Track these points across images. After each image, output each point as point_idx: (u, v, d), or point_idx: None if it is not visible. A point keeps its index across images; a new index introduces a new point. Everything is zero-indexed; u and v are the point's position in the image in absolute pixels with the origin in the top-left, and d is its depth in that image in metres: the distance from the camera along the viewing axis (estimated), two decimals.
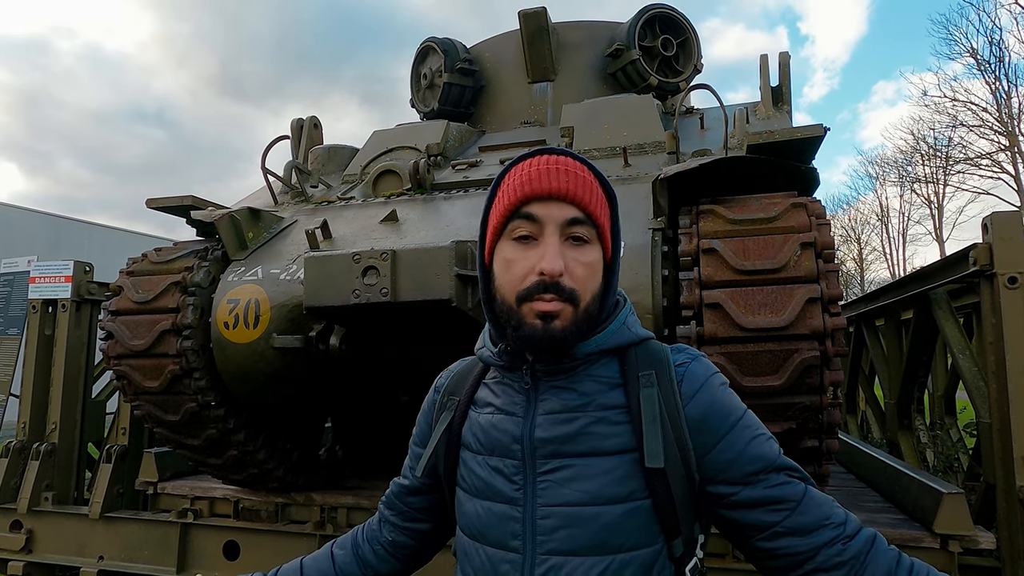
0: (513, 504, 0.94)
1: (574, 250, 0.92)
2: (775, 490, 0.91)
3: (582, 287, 0.92)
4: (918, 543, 2.65)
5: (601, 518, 0.89)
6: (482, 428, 1.00)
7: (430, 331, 2.66)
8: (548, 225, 0.92)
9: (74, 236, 16.09)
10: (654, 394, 0.93)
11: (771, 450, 0.94)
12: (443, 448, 1.05)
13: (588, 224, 0.93)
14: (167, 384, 2.81)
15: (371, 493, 3.36)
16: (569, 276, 0.91)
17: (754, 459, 0.92)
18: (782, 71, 3.63)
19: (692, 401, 0.94)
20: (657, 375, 0.95)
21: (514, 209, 0.93)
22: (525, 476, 0.94)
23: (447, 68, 4.39)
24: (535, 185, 0.92)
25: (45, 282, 4.27)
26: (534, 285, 0.91)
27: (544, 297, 0.90)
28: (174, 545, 3.45)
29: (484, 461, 0.98)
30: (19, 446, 4.05)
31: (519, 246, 0.93)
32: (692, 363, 0.97)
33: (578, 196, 0.92)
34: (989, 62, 23.16)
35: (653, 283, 2.37)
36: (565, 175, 0.93)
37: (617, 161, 3.16)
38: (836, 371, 2.18)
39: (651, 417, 0.91)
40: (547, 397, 0.96)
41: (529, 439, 0.94)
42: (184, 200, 3.13)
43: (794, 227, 2.28)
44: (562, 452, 0.92)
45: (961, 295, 4.17)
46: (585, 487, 0.90)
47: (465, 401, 1.05)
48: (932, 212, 29.82)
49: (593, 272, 0.94)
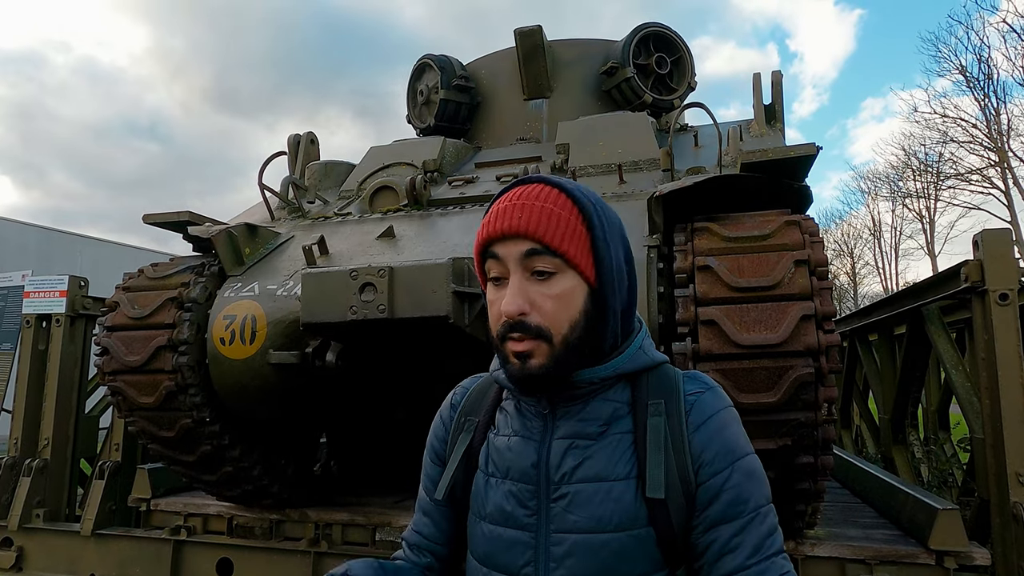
0: (526, 530, 0.93)
1: (540, 284, 0.91)
2: (745, 537, 0.89)
3: (552, 321, 0.91)
4: (913, 559, 2.65)
5: (610, 545, 0.89)
6: (498, 451, 1.00)
7: (427, 347, 2.67)
8: (510, 263, 0.92)
9: (67, 249, 16.06)
10: (660, 423, 0.92)
11: (762, 497, 0.92)
12: (462, 472, 1.04)
13: (547, 255, 0.91)
14: (162, 400, 2.80)
15: (366, 509, 3.34)
16: (537, 312, 0.90)
17: (737, 501, 0.90)
18: (775, 89, 3.67)
19: (697, 432, 0.93)
20: (666, 404, 0.94)
21: (483, 251, 0.95)
22: (539, 502, 0.93)
23: (443, 85, 4.43)
24: (491, 227, 0.93)
25: (40, 297, 4.25)
26: (503, 327, 0.92)
27: (513, 336, 0.91)
28: (167, 562, 3.41)
29: (498, 485, 0.98)
30: (10, 462, 4.01)
31: (494, 288, 0.95)
32: (705, 393, 0.96)
33: (530, 230, 0.90)
34: (978, 79, 23.49)
35: (648, 300, 2.39)
36: (520, 210, 0.92)
37: (612, 178, 3.19)
38: (831, 387, 2.19)
39: (655, 446, 0.91)
40: (562, 422, 0.96)
41: (545, 464, 0.94)
42: (181, 216, 3.14)
43: (788, 244, 2.30)
44: (574, 478, 0.92)
45: (953, 311, 4.20)
46: (594, 513, 0.90)
47: (484, 423, 1.05)
48: (924, 227, 30.06)
49: (565, 303, 0.92)
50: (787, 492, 2.33)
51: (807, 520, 2.62)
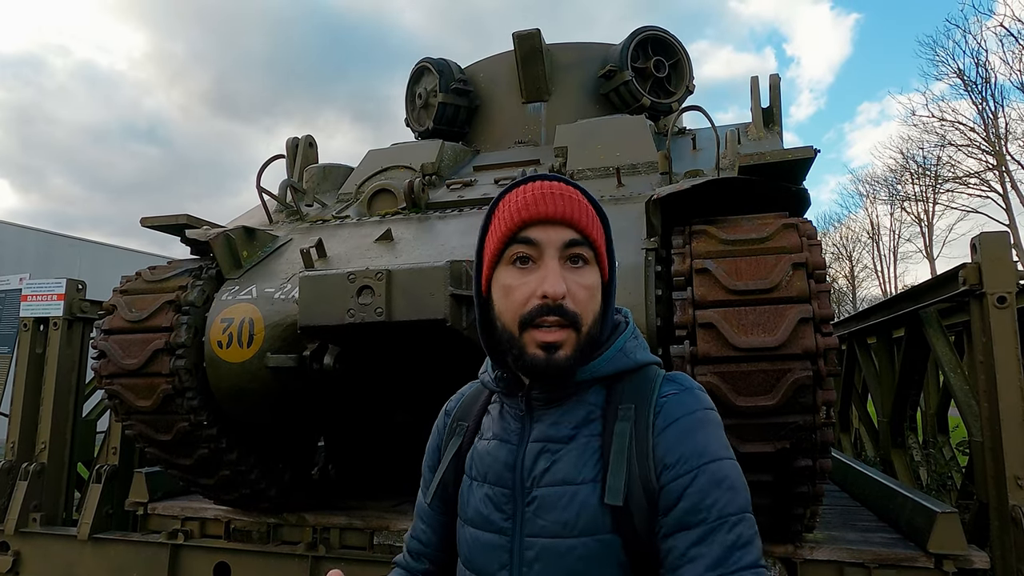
0: (502, 534, 0.93)
1: (574, 273, 0.91)
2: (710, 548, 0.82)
3: (584, 310, 0.91)
4: (912, 563, 2.65)
5: (576, 550, 0.87)
6: (480, 455, 0.99)
7: (425, 350, 2.66)
8: (548, 248, 0.91)
9: (65, 253, 16.03)
10: (627, 428, 0.90)
11: (732, 505, 0.85)
12: (451, 475, 1.04)
13: (586, 246, 0.93)
14: (159, 403, 2.79)
15: (364, 513, 3.34)
16: (571, 299, 0.90)
17: (699, 508, 0.84)
18: (772, 93, 3.68)
19: (663, 434, 0.89)
20: (636, 408, 0.91)
21: (512, 234, 0.93)
22: (515, 505, 0.93)
23: (442, 88, 4.44)
24: (532, 210, 0.92)
25: (37, 300, 4.25)
26: (536, 308, 0.89)
27: (547, 321, 0.89)
28: (164, 567, 3.40)
29: (479, 488, 0.97)
30: (7, 466, 4.01)
31: (518, 271, 0.92)
32: (677, 395, 0.92)
33: (575, 218, 0.92)
34: (976, 83, 23.54)
35: (647, 303, 2.39)
36: (561, 199, 0.93)
37: (611, 181, 3.19)
38: (829, 390, 2.19)
39: (618, 452, 0.88)
40: (538, 425, 0.95)
41: (520, 468, 0.93)
42: (179, 219, 3.14)
43: (786, 247, 2.30)
44: (543, 481, 0.91)
45: (952, 314, 4.20)
46: (561, 517, 0.88)
47: (473, 427, 1.05)
48: (922, 230, 30.10)
49: (593, 294, 0.93)
50: (786, 495, 2.33)
51: (806, 523, 2.62)
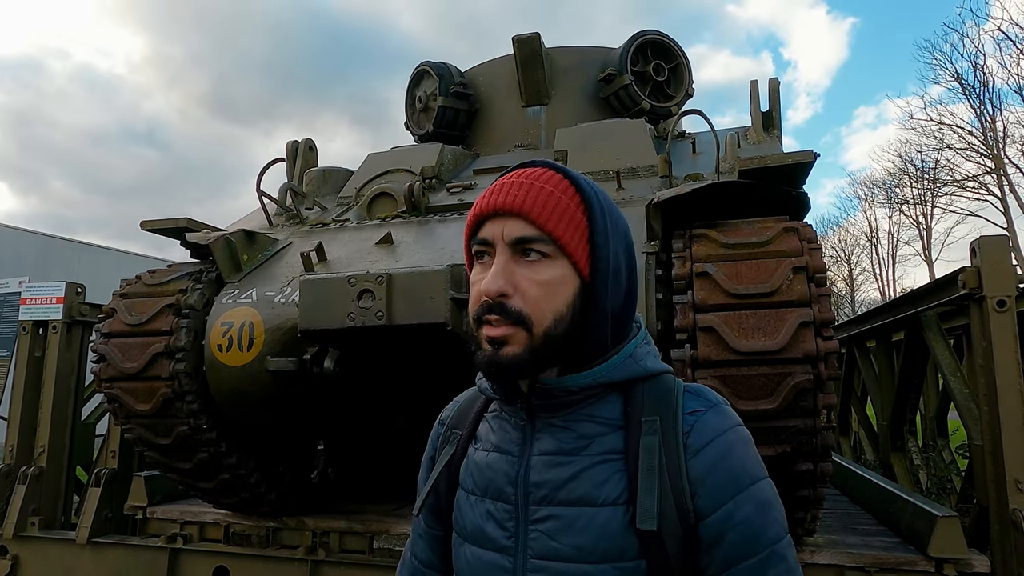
0: (504, 553, 0.86)
1: (527, 267, 0.84)
2: None
3: (535, 308, 0.83)
4: (913, 567, 2.64)
5: None
6: (477, 467, 0.92)
7: (425, 354, 2.66)
8: (498, 244, 0.85)
9: (64, 256, 16.00)
10: (655, 444, 0.82)
11: (780, 528, 0.82)
12: (444, 486, 0.97)
13: (542, 240, 0.84)
14: (159, 407, 2.79)
15: (364, 517, 3.33)
16: (520, 296, 0.83)
17: (749, 539, 0.80)
18: (772, 97, 3.68)
19: (697, 457, 0.82)
20: (662, 421, 0.84)
21: (473, 230, 0.89)
22: (518, 523, 0.86)
23: (442, 92, 4.44)
24: (484, 203, 0.87)
25: (36, 303, 4.24)
26: (481, 307, 0.84)
27: (490, 319, 0.83)
28: (163, 571, 3.39)
29: (477, 503, 0.90)
30: (6, 469, 4.00)
31: (479, 267, 0.88)
32: (706, 413, 0.85)
33: (524, 208, 0.84)
34: (973, 86, 23.60)
35: (647, 306, 2.39)
36: (516, 188, 0.86)
37: (610, 185, 3.19)
38: (829, 394, 2.19)
39: (648, 470, 0.81)
40: (542, 436, 0.88)
41: (523, 482, 0.86)
42: (179, 222, 3.13)
43: (786, 251, 2.30)
44: (555, 499, 0.84)
45: (951, 317, 4.20)
46: (576, 541, 0.81)
47: (467, 436, 0.98)
48: (921, 233, 30.17)
49: (551, 291, 0.84)
50: (786, 499, 2.31)
51: (806, 527, 2.62)
